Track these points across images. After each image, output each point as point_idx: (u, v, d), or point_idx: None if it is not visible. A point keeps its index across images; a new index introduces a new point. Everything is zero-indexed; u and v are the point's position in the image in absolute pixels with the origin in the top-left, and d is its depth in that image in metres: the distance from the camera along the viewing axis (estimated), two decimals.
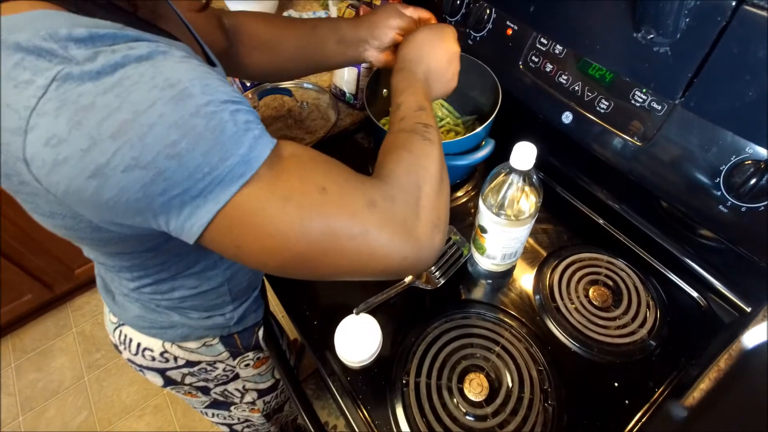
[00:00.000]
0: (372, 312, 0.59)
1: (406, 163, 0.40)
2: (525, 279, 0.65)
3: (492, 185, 0.56)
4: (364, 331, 0.57)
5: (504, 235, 0.57)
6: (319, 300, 0.63)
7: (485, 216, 0.57)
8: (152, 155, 0.28)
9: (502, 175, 0.54)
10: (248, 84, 0.93)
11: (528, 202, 0.54)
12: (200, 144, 0.29)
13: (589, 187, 0.70)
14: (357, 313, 0.58)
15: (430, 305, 0.62)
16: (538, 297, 0.62)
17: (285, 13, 1.11)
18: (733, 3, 0.28)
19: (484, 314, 0.61)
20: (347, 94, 0.89)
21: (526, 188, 0.53)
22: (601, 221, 0.70)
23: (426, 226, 0.38)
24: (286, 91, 0.87)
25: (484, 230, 0.59)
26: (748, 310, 0.58)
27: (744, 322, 0.57)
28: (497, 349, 0.56)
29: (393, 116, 0.47)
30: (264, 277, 0.67)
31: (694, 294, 0.61)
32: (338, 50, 0.61)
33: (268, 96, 0.90)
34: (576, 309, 0.60)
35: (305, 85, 0.94)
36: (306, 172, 0.34)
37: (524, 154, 0.49)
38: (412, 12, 0.60)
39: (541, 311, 0.61)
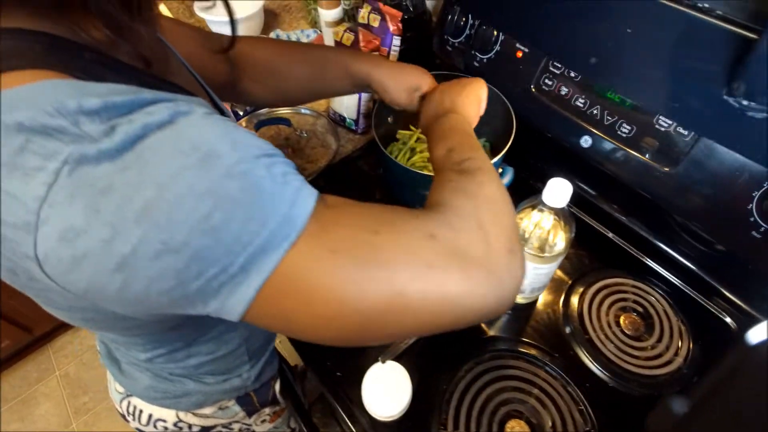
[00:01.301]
0: (397, 359, 0.56)
1: (450, 192, 0.37)
2: (552, 309, 0.63)
3: (520, 219, 0.53)
4: (392, 380, 0.53)
5: (534, 271, 0.55)
6: (341, 349, 0.59)
7: None
8: (184, 235, 0.23)
9: (534, 210, 0.52)
10: (241, 113, 0.88)
11: (560, 237, 0.52)
12: (237, 211, 0.24)
13: (610, 209, 0.69)
14: (383, 361, 0.55)
15: (457, 346, 0.59)
16: (568, 329, 0.60)
17: (272, 33, 1.07)
18: None
19: (514, 351, 0.58)
20: (347, 120, 0.85)
21: (560, 224, 0.51)
22: (624, 244, 0.69)
23: (499, 251, 0.32)
24: (285, 121, 0.82)
25: None
26: None
27: None
28: (535, 391, 0.54)
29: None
30: None
31: (727, 319, 0.60)
32: (350, 89, 0.59)
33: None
34: (609, 339, 0.58)
35: (302, 110, 0.90)
36: (354, 218, 0.30)
37: (559, 191, 0.47)
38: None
39: (573, 344, 0.58)
